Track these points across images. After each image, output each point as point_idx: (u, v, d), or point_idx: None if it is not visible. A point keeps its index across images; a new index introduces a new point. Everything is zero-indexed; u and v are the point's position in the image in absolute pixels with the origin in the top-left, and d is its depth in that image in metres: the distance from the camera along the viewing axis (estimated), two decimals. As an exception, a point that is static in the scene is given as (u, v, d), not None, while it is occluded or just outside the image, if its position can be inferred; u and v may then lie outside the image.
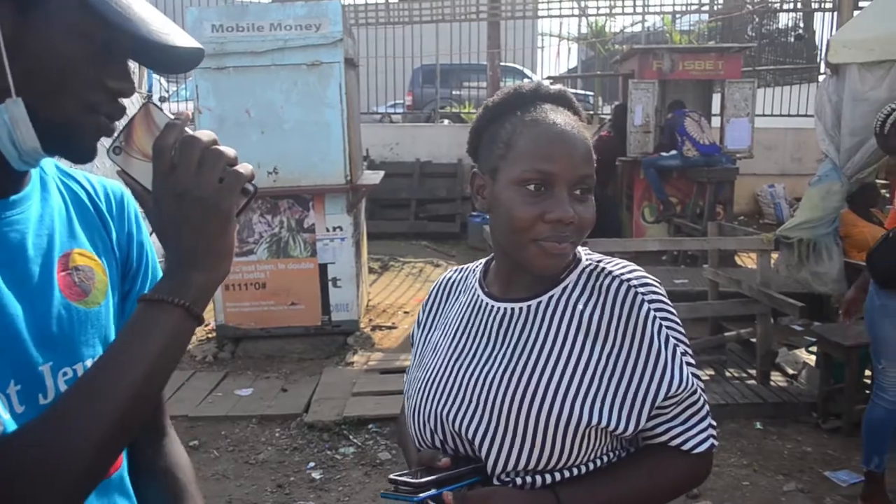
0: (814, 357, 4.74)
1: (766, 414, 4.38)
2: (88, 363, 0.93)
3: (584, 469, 1.13)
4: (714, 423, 1.19)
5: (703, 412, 1.17)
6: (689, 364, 1.14)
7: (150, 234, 1.01)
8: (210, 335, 5.80)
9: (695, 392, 1.14)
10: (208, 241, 0.84)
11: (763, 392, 4.59)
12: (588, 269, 1.18)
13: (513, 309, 1.18)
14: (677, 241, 7.09)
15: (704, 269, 5.76)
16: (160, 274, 1.09)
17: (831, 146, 4.97)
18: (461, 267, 1.38)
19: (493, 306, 1.21)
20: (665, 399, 1.12)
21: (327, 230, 5.37)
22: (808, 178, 5.30)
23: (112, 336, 0.98)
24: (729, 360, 5.24)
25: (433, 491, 1.05)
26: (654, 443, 1.16)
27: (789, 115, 11.38)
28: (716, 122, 8.89)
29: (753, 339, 5.03)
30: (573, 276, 1.18)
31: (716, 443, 1.18)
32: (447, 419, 1.16)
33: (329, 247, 5.40)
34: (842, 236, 5.02)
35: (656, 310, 1.13)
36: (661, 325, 1.13)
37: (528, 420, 1.09)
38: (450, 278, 1.37)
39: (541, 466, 1.11)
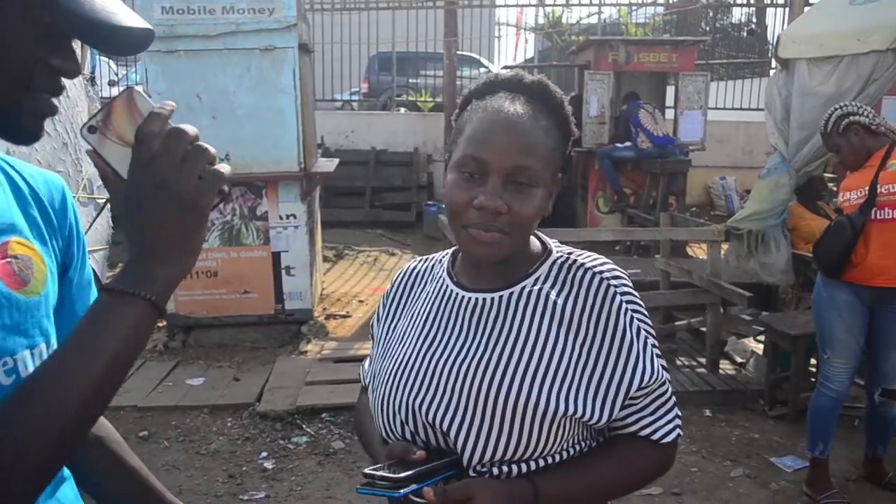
0: (761, 346, 4.84)
1: (715, 401, 4.47)
2: (27, 354, 0.90)
3: (557, 458, 1.14)
4: (679, 414, 1.21)
5: (671, 403, 1.20)
6: (658, 356, 1.17)
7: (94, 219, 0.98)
8: (160, 324, 5.69)
9: (664, 383, 1.17)
10: (181, 236, 0.83)
11: (712, 380, 4.68)
12: (559, 261, 1.19)
13: (485, 299, 1.18)
14: (630, 231, 7.17)
15: (656, 259, 5.84)
16: (90, 267, 1.07)
17: (780, 140, 5.06)
18: (426, 257, 1.36)
19: (463, 296, 1.20)
20: (637, 390, 1.14)
21: (280, 218, 5.30)
22: (758, 171, 5.40)
23: (51, 327, 0.95)
24: (679, 348, 5.33)
25: (413, 486, 1.04)
26: (625, 433, 1.18)
27: (741, 109, 11.58)
28: (669, 114, 9.01)
29: (703, 329, 5.13)
30: (545, 268, 1.18)
31: (681, 432, 1.21)
32: (419, 409, 1.15)
33: (282, 235, 5.33)
34: (789, 228, 5.13)
35: (628, 302, 1.15)
36: (632, 317, 1.14)
37: (505, 410, 1.09)
38: (414, 268, 1.34)
39: (516, 456, 1.11)
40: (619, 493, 1.21)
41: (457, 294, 1.21)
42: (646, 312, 1.18)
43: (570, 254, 1.20)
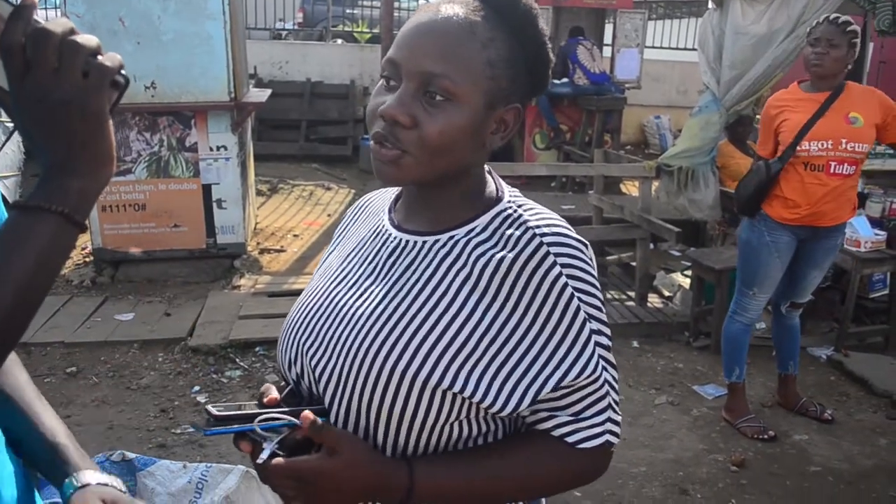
0: (688, 280, 5.00)
1: (643, 333, 4.62)
2: None
3: (436, 435, 0.97)
4: (617, 419, 1.02)
5: (603, 404, 0.99)
6: (599, 346, 0.98)
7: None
8: (87, 259, 5.52)
9: (597, 380, 0.97)
10: (81, 146, 0.77)
11: (640, 313, 4.82)
12: (504, 214, 1.00)
13: (407, 241, 1.03)
14: (563, 166, 7.24)
15: (590, 195, 5.92)
16: None
17: (712, 78, 5.14)
18: (382, 189, 1.17)
19: (390, 234, 1.06)
20: (555, 388, 0.95)
21: (211, 149, 5.15)
22: (691, 111, 5.48)
23: None
24: (610, 282, 5.46)
25: (225, 428, 0.91)
26: (537, 428, 1.00)
27: (677, 49, 11.69)
28: (607, 52, 9.02)
29: (633, 263, 5.26)
30: (485, 218, 1.00)
31: (614, 440, 1.02)
32: (305, 352, 1.03)
33: (213, 167, 5.19)
34: (718, 166, 5.25)
35: (570, 275, 0.94)
36: (572, 294, 0.94)
37: (382, 369, 0.94)
38: (367, 199, 1.20)
39: (385, 420, 0.95)
40: (524, 497, 1.04)
41: (386, 230, 1.07)
42: (595, 292, 0.98)
43: (520, 206, 1.01)
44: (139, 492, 2.08)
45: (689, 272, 4.97)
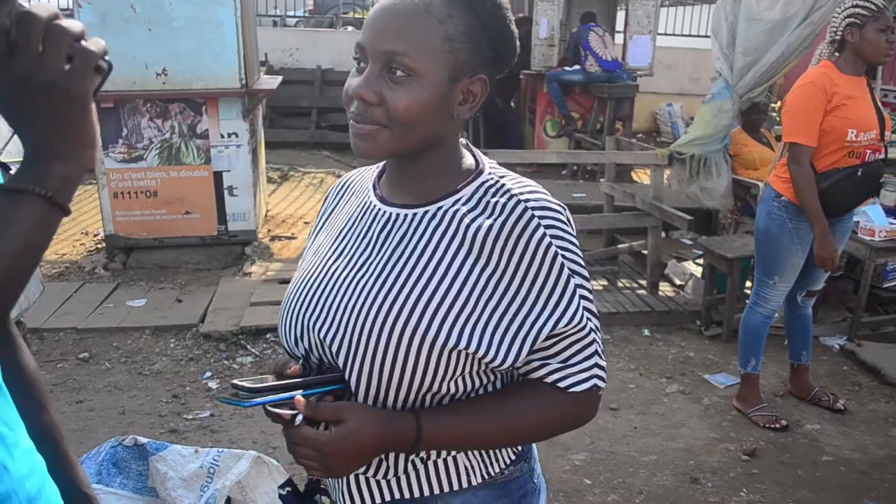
0: (700, 268, 4.97)
1: (654, 322, 4.61)
2: None
3: (445, 388, 1.05)
4: (602, 364, 1.11)
5: (590, 350, 1.08)
6: (583, 298, 1.06)
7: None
8: (99, 246, 5.55)
9: (583, 329, 1.06)
10: (65, 130, 0.78)
11: (652, 301, 4.80)
12: (487, 184, 1.08)
13: (397, 214, 1.10)
14: (575, 153, 7.20)
15: (601, 183, 5.89)
16: None
17: (725, 65, 5.09)
18: (362, 168, 1.28)
19: (379, 209, 1.13)
20: (550, 335, 1.04)
21: (222, 136, 5.15)
22: (704, 98, 5.44)
23: None
24: (621, 270, 5.44)
25: (269, 397, 0.97)
26: (531, 377, 1.09)
27: (689, 36, 11.59)
28: (619, 39, 8.95)
29: (645, 251, 5.23)
30: (469, 189, 1.08)
31: (601, 384, 1.10)
32: (312, 327, 1.09)
33: (224, 154, 5.19)
34: (731, 154, 5.21)
35: (553, 236, 1.03)
36: (556, 253, 1.03)
37: (392, 333, 1.01)
38: (349, 178, 1.28)
39: (402, 384, 1.03)
40: (521, 440, 1.14)
41: (375, 206, 1.14)
42: (577, 250, 1.07)
43: (501, 177, 1.09)
44: (151, 476, 2.10)
45: (700, 261, 4.94)
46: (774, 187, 3.33)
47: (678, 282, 5.22)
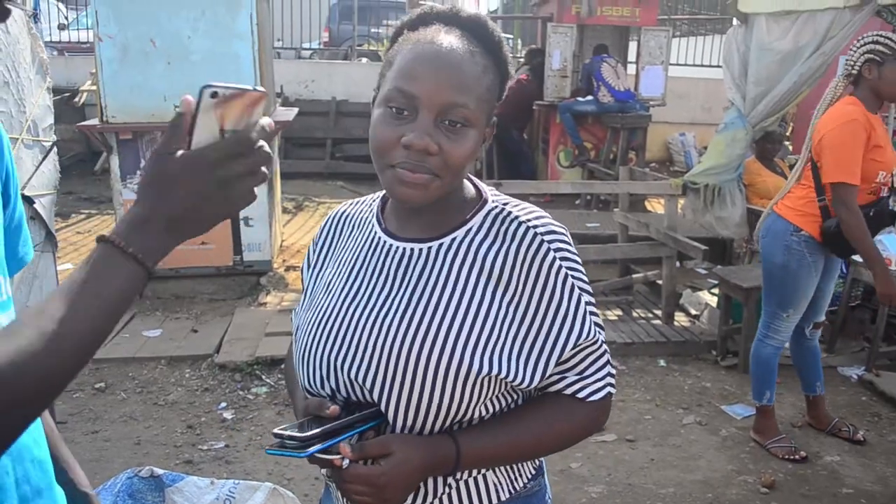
0: (715, 298, 4.95)
1: (669, 352, 4.58)
2: None
3: (477, 412, 1.10)
4: (613, 371, 1.18)
5: (602, 360, 1.15)
6: (591, 313, 1.12)
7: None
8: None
9: (595, 341, 1.13)
10: (204, 224, 0.82)
11: (667, 331, 4.78)
12: (494, 212, 1.12)
13: (412, 249, 1.12)
14: (589, 184, 7.22)
15: (615, 212, 5.90)
16: (21, 206, 1.03)
17: (737, 94, 5.11)
18: (356, 200, 1.28)
19: (391, 245, 1.14)
20: (568, 351, 1.10)
21: (239, 168, 5.20)
22: (716, 128, 5.46)
23: (3, 261, 0.93)
24: (636, 300, 5.42)
25: (324, 443, 0.98)
26: (551, 391, 1.15)
27: (701, 66, 11.65)
28: (631, 69, 9.01)
29: (660, 281, 5.22)
30: (478, 219, 1.12)
31: (613, 390, 1.18)
32: (340, 367, 1.10)
33: (240, 185, 5.23)
34: (745, 184, 5.21)
35: (562, 258, 1.09)
36: (566, 275, 1.09)
37: (428, 367, 1.05)
38: (344, 212, 1.27)
39: (439, 413, 1.07)
40: (547, 451, 1.19)
41: (384, 242, 1.15)
42: (581, 269, 1.13)
43: (505, 204, 1.14)
44: (167, 508, 2.10)
45: (716, 290, 4.92)
46: (792, 221, 3.29)
47: (693, 312, 5.20)
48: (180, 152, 0.79)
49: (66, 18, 11.26)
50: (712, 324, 4.80)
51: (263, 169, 0.82)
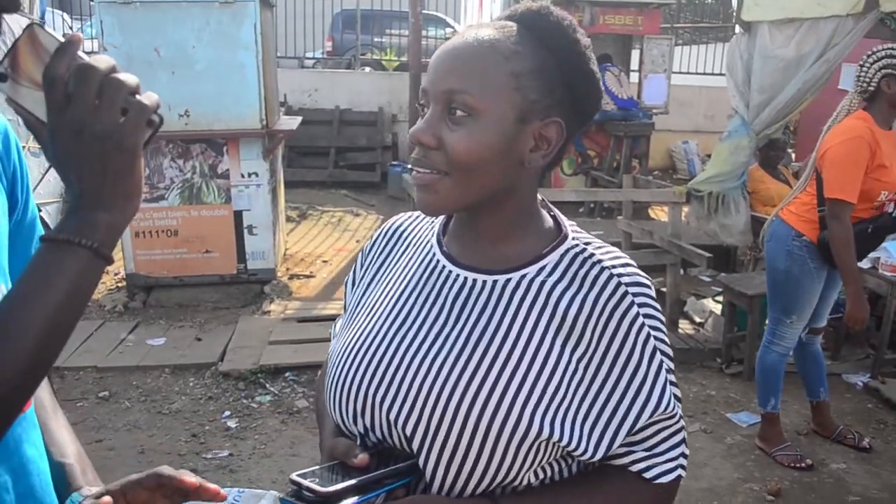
0: (720, 306, 4.94)
1: (674, 360, 4.54)
2: None
3: (526, 478, 0.95)
4: (686, 452, 1.02)
5: (677, 438, 1.00)
6: (671, 384, 0.98)
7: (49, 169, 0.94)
8: (120, 284, 5.60)
9: (673, 416, 0.98)
10: (114, 180, 0.78)
11: (671, 339, 4.73)
12: (573, 251, 0.97)
13: (475, 280, 0.97)
14: (593, 192, 7.22)
15: (619, 220, 5.89)
16: (34, 207, 1.03)
17: (741, 102, 5.11)
18: (413, 213, 1.13)
19: (451, 271, 1.00)
20: (642, 423, 0.95)
21: (242, 176, 5.22)
22: (719, 136, 5.46)
23: (6, 268, 0.92)
24: (640, 308, 5.40)
25: (353, 500, 0.87)
26: (613, 464, 0.98)
27: (704, 74, 11.66)
28: (634, 77, 9.03)
29: (664, 289, 5.20)
30: (554, 256, 0.97)
31: (683, 473, 1.01)
32: (379, 404, 0.96)
33: (244, 193, 5.25)
34: (749, 191, 5.20)
35: (645, 315, 0.95)
36: (648, 334, 0.94)
37: (479, 422, 0.91)
38: (400, 225, 1.13)
39: (486, 475, 0.93)
40: None
41: (443, 267, 1.01)
42: (664, 330, 0.98)
43: (587, 244, 0.99)
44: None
45: (720, 298, 4.91)
46: (795, 226, 3.30)
47: (698, 319, 5.18)
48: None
49: (71, 28, 11.32)
50: (717, 331, 4.79)
51: (102, 76, 0.76)
